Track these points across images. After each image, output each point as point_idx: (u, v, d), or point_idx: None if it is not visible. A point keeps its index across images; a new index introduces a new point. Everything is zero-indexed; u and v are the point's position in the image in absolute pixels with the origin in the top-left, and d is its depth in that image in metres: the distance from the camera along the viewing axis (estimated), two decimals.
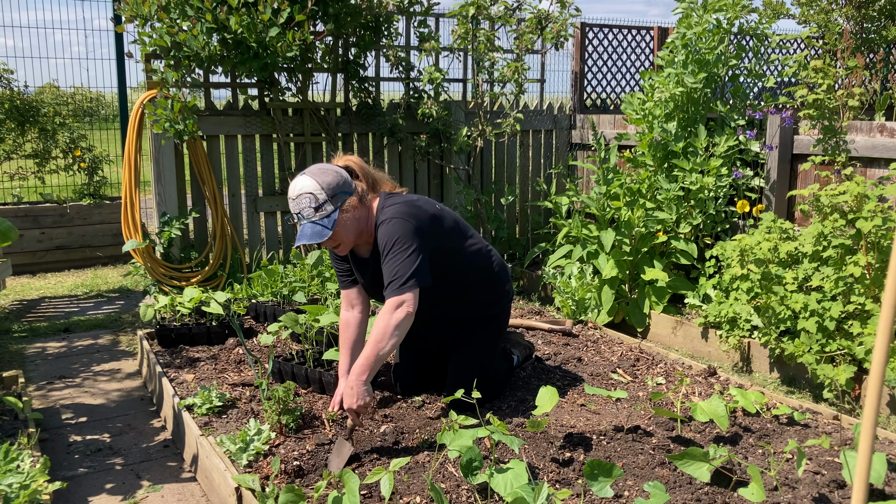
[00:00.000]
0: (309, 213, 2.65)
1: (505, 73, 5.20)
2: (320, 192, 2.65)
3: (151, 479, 2.79)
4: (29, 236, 5.95)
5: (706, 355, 4.06)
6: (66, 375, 3.86)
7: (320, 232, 2.64)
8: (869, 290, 3.38)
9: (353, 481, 2.09)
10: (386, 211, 2.76)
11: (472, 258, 3.03)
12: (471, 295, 3.03)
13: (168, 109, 4.30)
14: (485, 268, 3.08)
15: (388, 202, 2.80)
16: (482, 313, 3.08)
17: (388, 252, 2.68)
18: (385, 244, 2.69)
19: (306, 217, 2.66)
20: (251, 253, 5.04)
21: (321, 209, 2.65)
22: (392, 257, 2.67)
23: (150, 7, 4.25)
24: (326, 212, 2.66)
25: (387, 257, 2.68)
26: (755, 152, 4.58)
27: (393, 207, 2.76)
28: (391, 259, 2.67)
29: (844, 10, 7.16)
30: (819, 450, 2.63)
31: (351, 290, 3.01)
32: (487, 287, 3.09)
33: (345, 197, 2.71)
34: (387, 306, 2.64)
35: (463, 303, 3.03)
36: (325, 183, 2.67)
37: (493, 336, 3.17)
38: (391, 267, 2.66)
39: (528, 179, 6.09)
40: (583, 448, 2.59)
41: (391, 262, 2.67)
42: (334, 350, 3.07)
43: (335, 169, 2.75)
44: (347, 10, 4.71)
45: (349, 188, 2.74)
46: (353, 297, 3.01)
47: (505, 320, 3.23)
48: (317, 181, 2.67)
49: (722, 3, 4.62)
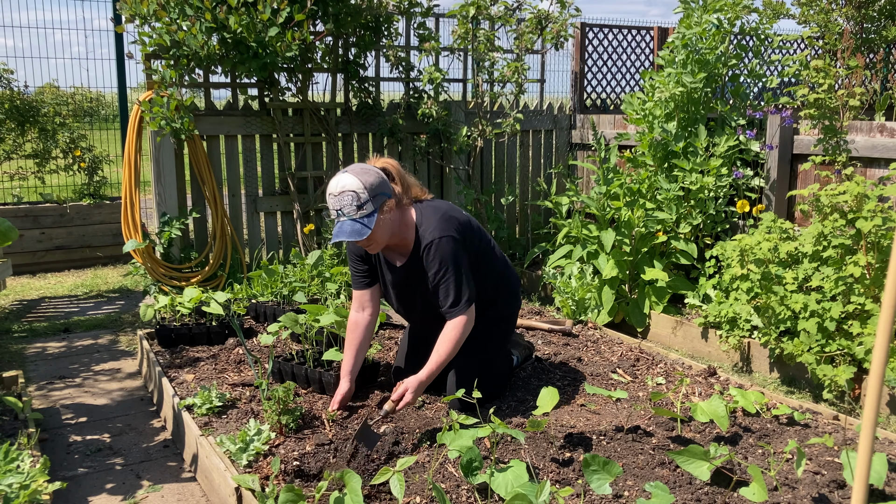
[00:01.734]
0: (350, 210, 2.68)
1: (505, 73, 5.20)
2: (363, 192, 2.68)
3: (151, 479, 2.79)
4: (29, 236, 5.95)
5: (706, 355, 4.06)
6: (66, 375, 3.86)
7: (360, 231, 2.68)
8: (869, 290, 3.38)
9: (354, 481, 2.09)
10: (430, 228, 2.83)
11: (491, 261, 3.09)
12: (487, 295, 3.07)
13: (164, 107, 4.30)
14: (500, 271, 3.15)
15: (426, 215, 2.87)
16: (494, 314, 3.13)
17: (444, 272, 2.80)
18: (440, 265, 2.80)
19: (347, 215, 2.69)
20: (251, 253, 5.04)
21: (363, 208, 2.69)
22: (448, 277, 2.80)
23: (148, 6, 4.25)
24: (367, 211, 2.69)
25: (442, 277, 2.81)
26: (755, 152, 4.58)
27: (436, 223, 2.83)
28: (447, 279, 2.80)
29: (844, 11, 7.16)
30: (819, 450, 2.63)
31: (365, 291, 3.04)
32: (501, 289, 3.16)
33: (384, 199, 2.75)
34: (455, 323, 2.80)
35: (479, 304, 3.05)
36: (367, 183, 2.70)
37: (500, 336, 3.21)
38: (449, 287, 2.80)
39: (528, 179, 6.09)
40: (583, 448, 2.58)
41: (448, 282, 2.80)
42: (335, 350, 3.07)
43: (376, 170, 2.79)
44: (347, 10, 4.71)
45: (388, 190, 2.78)
46: (366, 299, 3.05)
47: (513, 323, 3.28)
48: (360, 180, 2.70)
49: (722, 3, 4.62)
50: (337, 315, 3.14)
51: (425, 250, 2.82)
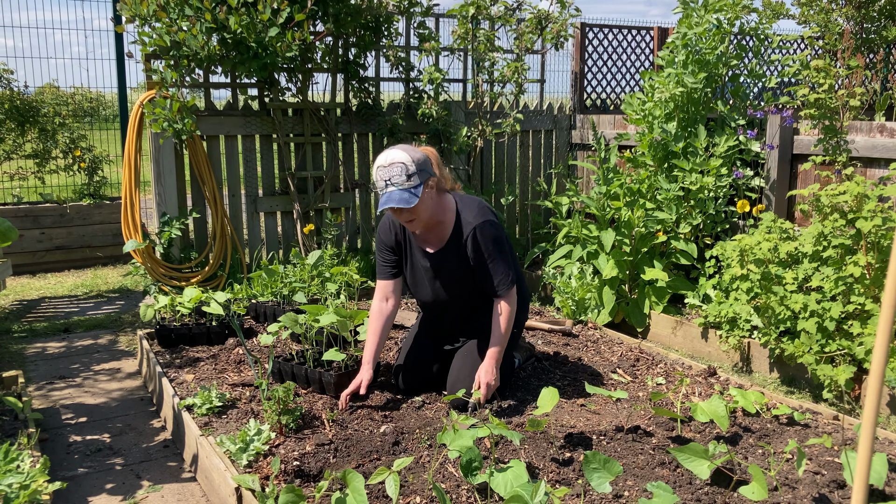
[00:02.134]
0: (399, 180, 2.83)
1: (505, 73, 5.20)
2: (411, 164, 2.84)
3: (151, 479, 2.79)
4: (29, 236, 5.95)
5: (706, 355, 4.06)
6: (66, 375, 3.86)
7: (408, 199, 2.81)
8: (869, 290, 3.38)
9: (357, 480, 2.09)
10: (474, 214, 3.00)
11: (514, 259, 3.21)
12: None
13: (166, 109, 4.30)
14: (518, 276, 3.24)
15: (465, 203, 3.05)
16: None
17: (494, 253, 2.99)
18: (491, 245, 2.98)
19: (396, 184, 2.83)
20: (251, 253, 5.04)
21: (411, 179, 2.83)
22: (497, 257, 2.99)
23: (148, 7, 4.25)
24: (415, 182, 2.84)
25: (492, 258, 2.99)
26: (755, 152, 4.57)
27: (478, 210, 3.01)
28: (497, 259, 2.99)
29: (844, 11, 7.16)
30: (819, 450, 2.63)
31: (389, 282, 3.17)
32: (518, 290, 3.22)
33: (428, 175, 2.91)
34: (506, 302, 3.00)
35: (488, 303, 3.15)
36: (415, 158, 2.87)
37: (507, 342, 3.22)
38: (498, 266, 2.99)
39: (528, 179, 6.09)
40: (583, 448, 2.58)
41: (497, 262, 2.99)
42: (334, 350, 3.07)
43: (419, 149, 2.97)
44: (347, 10, 4.71)
45: (432, 170, 2.95)
46: (390, 289, 3.16)
47: (520, 330, 3.33)
48: (409, 154, 2.87)
49: (722, 3, 4.62)
50: (337, 315, 3.14)
51: (472, 233, 2.98)
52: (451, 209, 3.04)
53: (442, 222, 3.03)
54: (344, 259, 4.95)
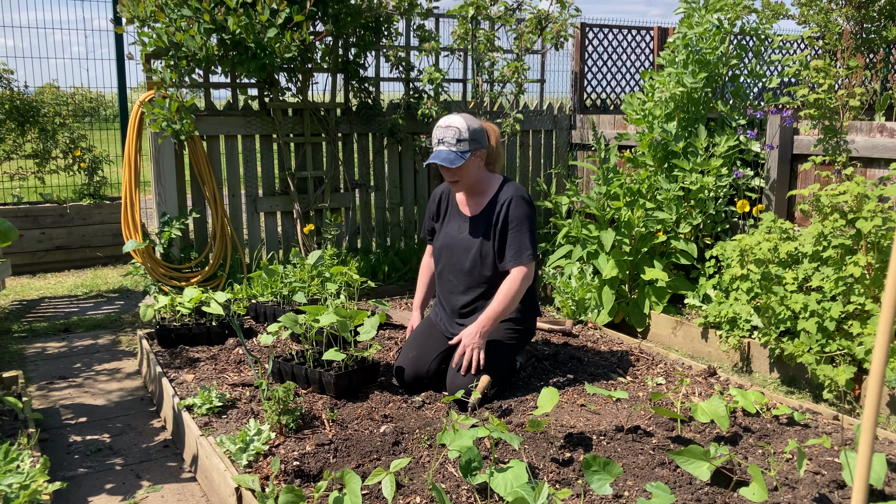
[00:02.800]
0: (450, 142, 3.12)
1: (505, 73, 5.20)
2: (465, 131, 3.12)
3: (151, 479, 2.79)
4: (29, 236, 5.95)
5: (706, 355, 4.06)
6: (66, 375, 3.86)
7: (452, 159, 3.10)
8: (869, 290, 3.38)
9: (354, 481, 2.09)
10: (513, 189, 3.24)
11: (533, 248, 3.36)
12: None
13: (165, 109, 4.30)
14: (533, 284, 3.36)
15: (510, 183, 3.29)
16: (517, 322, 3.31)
17: (517, 224, 3.18)
18: (517, 217, 3.18)
19: (446, 144, 3.12)
20: (251, 253, 5.04)
21: (460, 144, 3.11)
22: (520, 229, 3.18)
23: (146, 8, 4.25)
24: (463, 148, 3.12)
25: (515, 227, 3.18)
26: (755, 152, 4.57)
27: (518, 189, 3.25)
28: (519, 230, 3.18)
29: (844, 11, 7.16)
30: (819, 450, 2.63)
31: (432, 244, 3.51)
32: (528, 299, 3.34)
33: (479, 146, 3.17)
34: (517, 273, 3.16)
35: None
36: (471, 127, 3.14)
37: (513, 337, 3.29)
38: (518, 237, 3.18)
39: (528, 179, 6.09)
40: (583, 448, 2.58)
41: (519, 233, 3.18)
42: (334, 350, 3.07)
43: (480, 123, 3.22)
44: (347, 10, 4.71)
45: (485, 142, 3.21)
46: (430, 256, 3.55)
47: (529, 335, 3.42)
48: (467, 123, 3.14)
49: (722, 3, 4.62)
50: (337, 315, 3.14)
51: (506, 202, 3.20)
52: (495, 185, 3.28)
53: (484, 191, 3.28)
54: (344, 259, 4.95)
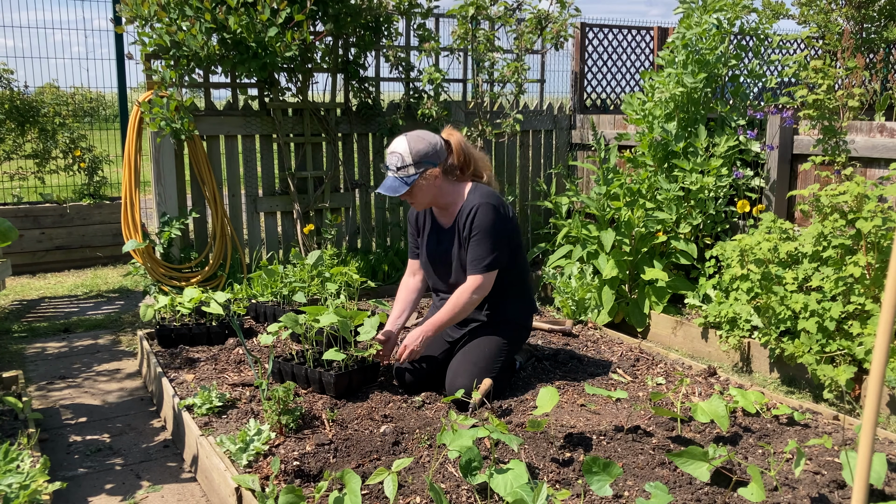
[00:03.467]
0: (393, 169, 3.10)
1: (505, 73, 5.20)
2: (408, 156, 3.08)
3: (151, 479, 2.79)
4: (29, 236, 5.95)
5: (706, 355, 4.06)
6: (66, 375, 3.86)
7: (396, 188, 3.08)
8: (869, 290, 3.38)
9: (354, 481, 2.09)
10: (476, 196, 3.17)
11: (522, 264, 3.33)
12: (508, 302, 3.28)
13: (164, 108, 4.30)
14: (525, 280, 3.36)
15: (478, 189, 3.22)
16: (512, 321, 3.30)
17: (477, 233, 3.12)
18: (477, 227, 3.11)
19: (391, 171, 3.11)
20: (251, 253, 5.04)
21: (403, 170, 3.08)
22: (478, 238, 3.12)
23: (149, 7, 4.25)
24: (408, 173, 3.08)
25: (474, 237, 3.12)
26: (755, 152, 4.57)
27: (483, 195, 3.18)
28: (477, 239, 3.12)
29: (844, 11, 7.16)
30: (819, 450, 2.63)
31: (416, 261, 3.48)
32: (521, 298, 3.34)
33: (429, 166, 3.11)
34: (469, 283, 3.13)
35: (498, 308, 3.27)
36: (414, 149, 3.08)
37: (510, 337, 3.29)
38: (476, 247, 3.12)
39: (528, 179, 6.09)
40: (583, 448, 2.59)
41: (477, 243, 3.12)
42: (334, 350, 3.07)
43: (431, 140, 3.14)
44: (347, 10, 4.71)
45: (436, 160, 3.13)
46: (417, 266, 3.47)
47: (525, 336, 3.43)
48: (409, 146, 3.09)
49: (722, 3, 4.62)
50: (337, 315, 3.14)
51: (470, 211, 3.14)
52: (464, 193, 3.23)
53: (454, 202, 3.23)
54: (344, 259, 4.95)
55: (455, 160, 3.22)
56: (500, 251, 3.13)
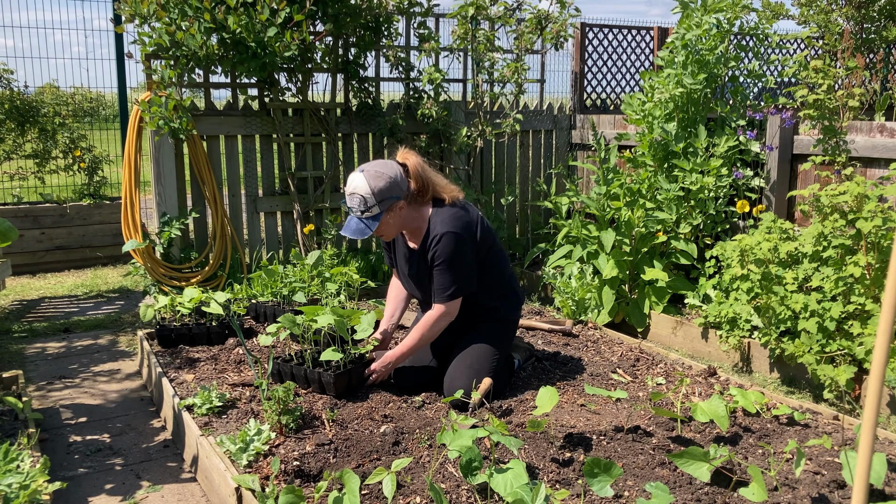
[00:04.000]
0: (357, 212, 3.00)
1: (505, 73, 5.20)
2: (370, 197, 2.95)
3: (151, 479, 2.79)
4: (29, 236, 5.95)
5: (706, 355, 4.06)
6: (65, 375, 3.86)
7: (363, 230, 2.99)
8: (869, 290, 3.38)
9: (353, 481, 2.09)
10: (438, 224, 3.07)
11: (499, 263, 3.28)
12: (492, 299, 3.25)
13: (162, 107, 4.30)
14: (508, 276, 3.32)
15: (440, 214, 3.10)
16: (498, 317, 3.28)
17: (440, 263, 3.05)
18: (439, 257, 3.05)
19: (354, 213, 3.01)
20: (251, 253, 5.04)
21: (368, 211, 2.97)
22: (441, 268, 3.06)
23: (149, 6, 4.25)
24: (372, 214, 2.98)
25: (438, 267, 3.06)
26: (755, 152, 4.57)
27: (445, 220, 3.07)
28: (440, 269, 3.06)
29: (844, 11, 7.16)
30: (819, 450, 2.63)
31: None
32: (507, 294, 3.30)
33: (392, 202, 3.00)
34: (434, 311, 3.10)
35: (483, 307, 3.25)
36: (376, 189, 2.95)
37: (501, 335, 3.27)
38: (439, 277, 3.07)
39: (528, 179, 6.09)
40: (583, 448, 2.59)
41: (440, 273, 3.06)
42: (331, 350, 3.07)
43: (389, 174, 2.99)
44: (347, 10, 4.71)
45: (399, 193, 3.01)
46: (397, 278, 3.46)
47: (515, 327, 3.40)
48: (370, 185, 2.95)
49: (722, 3, 4.62)
50: (333, 315, 3.13)
51: (433, 240, 3.07)
52: (426, 219, 3.12)
53: (420, 227, 3.15)
54: (344, 259, 4.95)
55: (413, 185, 3.09)
56: (464, 278, 3.08)
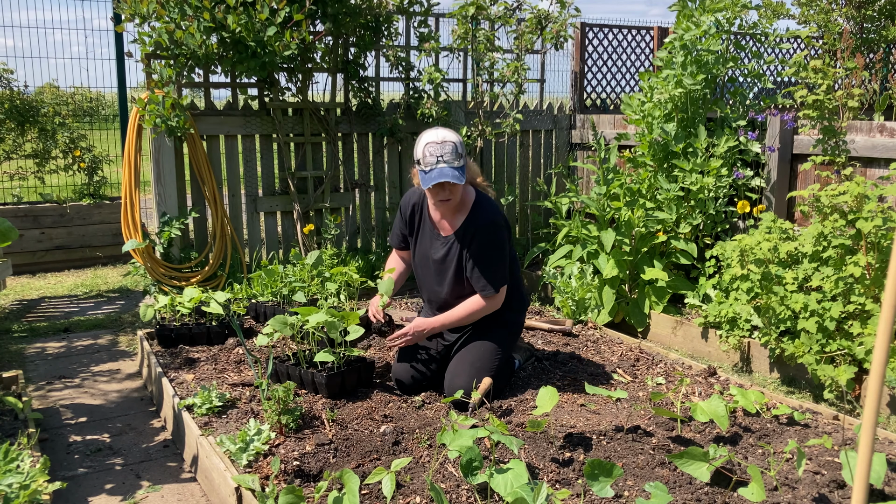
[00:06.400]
0: (450, 158, 2.97)
1: (505, 73, 5.20)
2: (461, 146, 3.03)
3: (151, 479, 2.79)
4: (29, 236, 5.95)
5: (706, 355, 4.06)
6: (65, 375, 3.86)
7: (459, 176, 2.97)
8: (869, 290, 3.38)
9: (353, 481, 2.09)
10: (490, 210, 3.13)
11: (513, 265, 3.30)
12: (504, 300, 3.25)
13: (160, 106, 4.30)
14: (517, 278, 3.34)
15: (486, 198, 3.18)
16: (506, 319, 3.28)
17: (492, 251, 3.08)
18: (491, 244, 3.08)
19: (447, 162, 2.97)
20: (251, 253, 5.04)
21: (461, 159, 3.01)
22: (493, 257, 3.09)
23: (148, 5, 4.25)
24: (462, 163, 3.02)
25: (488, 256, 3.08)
26: (755, 153, 4.57)
27: (495, 209, 3.14)
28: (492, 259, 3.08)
29: (844, 10, 7.16)
30: (819, 450, 2.63)
31: (401, 252, 3.46)
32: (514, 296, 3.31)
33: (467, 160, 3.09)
34: (481, 301, 3.11)
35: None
36: (460, 141, 3.04)
37: (506, 336, 3.28)
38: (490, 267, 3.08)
39: (528, 179, 6.09)
40: (583, 448, 2.59)
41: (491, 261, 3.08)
42: (325, 352, 3.06)
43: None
44: (346, 9, 4.71)
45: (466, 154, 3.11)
46: (398, 258, 3.46)
47: (520, 329, 3.41)
48: (457, 136, 3.05)
49: (722, 3, 4.61)
50: (327, 315, 3.12)
51: (479, 230, 3.08)
52: (470, 201, 3.16)
53: (462, 209, 3.16)
54: (344, 259, 4.95)
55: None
56: (505, 268, 3.15)
